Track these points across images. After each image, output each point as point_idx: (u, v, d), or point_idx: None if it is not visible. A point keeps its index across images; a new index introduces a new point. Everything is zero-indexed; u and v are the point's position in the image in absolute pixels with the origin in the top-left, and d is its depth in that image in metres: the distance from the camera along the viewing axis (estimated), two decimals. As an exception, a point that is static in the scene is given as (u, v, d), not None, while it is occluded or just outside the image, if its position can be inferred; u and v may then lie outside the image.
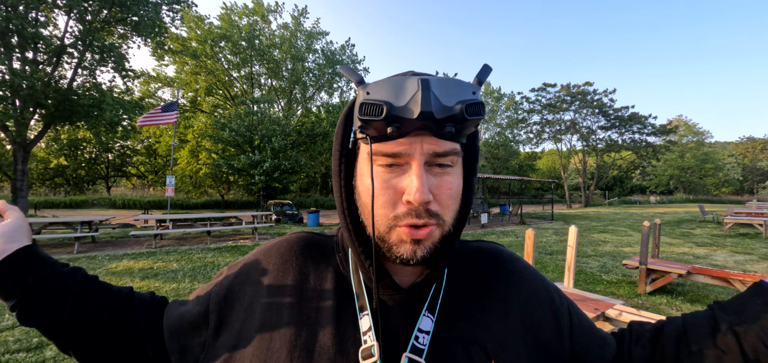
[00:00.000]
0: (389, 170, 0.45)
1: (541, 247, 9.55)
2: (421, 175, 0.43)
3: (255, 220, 10.96)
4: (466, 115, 0.40)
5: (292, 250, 0.57)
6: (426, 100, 0.40)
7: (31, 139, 14.72)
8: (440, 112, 0.40)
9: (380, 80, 0.43)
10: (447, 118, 0.41)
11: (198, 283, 5.42)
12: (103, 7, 14.32)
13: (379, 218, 0.45)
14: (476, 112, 0.41)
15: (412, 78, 0.42)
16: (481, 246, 0.61)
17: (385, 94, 0.41)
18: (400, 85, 0.41)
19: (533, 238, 3.54)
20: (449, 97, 0.41)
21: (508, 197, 24.54)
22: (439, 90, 0.41)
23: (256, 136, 21.46)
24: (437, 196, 0.45)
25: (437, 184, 0.45)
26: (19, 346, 3.19)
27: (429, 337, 0.48)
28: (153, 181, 35.54)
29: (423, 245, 0.45)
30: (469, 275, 0.56)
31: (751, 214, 13.36)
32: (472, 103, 0.41)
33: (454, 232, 0.48)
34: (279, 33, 29.49)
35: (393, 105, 0.40)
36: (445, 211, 0.46)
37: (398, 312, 0.50)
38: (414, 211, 0.43)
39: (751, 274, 4.85)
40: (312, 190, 38.39)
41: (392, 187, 0.44)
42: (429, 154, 0.43)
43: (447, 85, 0.42)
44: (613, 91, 34.14)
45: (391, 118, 0.40)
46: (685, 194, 53.70)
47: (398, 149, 0.43)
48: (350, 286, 0.53)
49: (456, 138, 0.44)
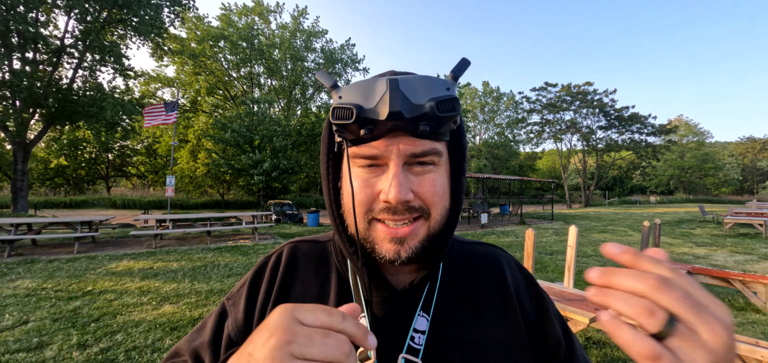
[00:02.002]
0: (369, 171, 0.45)
1: (541, 247, 9.55)
2: (399, 175, 0.42)
3: (255, 220, 10.95)
4: (437, 112, 0.40)
5: (293, 260, 0.57)
6: (394, 100, 0.40)
7: (31, 139, 14.73)
8: (409, 111, 0.40)
9: (353, 83, 0.43)
10: (418, 116, 0.40)
11: (198, 283, 5.43)
12: (104, 8, 14.33)
13: (358, 216, 0.46)
14: (449, 109, 0.40)
15: (382, 79, 0.41)
16: (479, 248, 0.60)
17: (355, 97, 0.42)
18: (369, 87, 0.41)
19: (533, 238, 3.54)
20: (420, 95, 0.41)
21: (508, 197, 24.56)
22: (409, 89, 0.41)
23: (257, 137, 21.47)
24: (420, 193, 0.45)
25: (419, 182, 0.45)
26: (19, 346, 3.19)
27: (424, 337, 0.48)
28: (153, 181, 35.55)
29: (407, 245, 0.45)
30: (466, 276, 0.55)
31: (751, 214, 13.36)
32: (444, 99, 0.40)
33: (444, 231, 0.48)
34: (278, 33, 29.51)
35: (362, 107, 0.40)
36: (431, 208, 0.45)
37: (393, 312, 0.50)
38: (392, 208, 0.43)
39: (751, 274, 4.85)
40: (312, 190, 38.40)
41: (371, 186, 0.45)
42: (406, 155, 0.43)
43: (418, 83, 0.41)
44: (614, 91, 34.21)
45: (361, 121, 0.40)
46: (685, 194, 53.70)
47: (375, 151, 0.43)
48: (350, 288, 0.53)
49: (435, 137, 0.44)
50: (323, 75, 0.46)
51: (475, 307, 0.52)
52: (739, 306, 4.67)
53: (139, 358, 3.04)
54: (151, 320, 3.85)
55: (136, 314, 4.03)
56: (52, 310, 4.09)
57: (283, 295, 0.54)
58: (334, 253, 0.57)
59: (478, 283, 0.55)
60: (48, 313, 3.99)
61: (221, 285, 5.31)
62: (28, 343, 3.26)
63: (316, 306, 0.31)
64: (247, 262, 7.03)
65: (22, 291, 4.79)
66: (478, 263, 0.57)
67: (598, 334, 3.62)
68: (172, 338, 3.42)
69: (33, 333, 3.47)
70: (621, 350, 3.25)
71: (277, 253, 0.60)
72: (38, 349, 3.15)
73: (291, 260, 0.57)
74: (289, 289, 0.54)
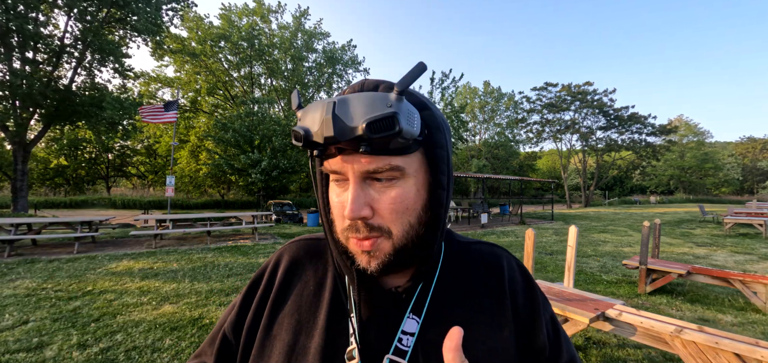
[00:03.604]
0: (339, 185, 0.46)
1: (541, 247, 9.55)
2: (354, 192, 0.43)
3: (255, 220, 10.95)
4: (369, 133, 0.38)
5: (293, 259, 0.59)
6: (327, 125, 0.39)
7: (31, 139, 14.73)
8: (343, 134, 0.39)
9: (310, 105, 0.43)
10: (354, 139, 0.39)
11: (198, 283, 5.43)
12: (103, 7, 14.33)
13: (337, 229, 0.48)
14: (383, 128, 0.38)
15: (324, 102, 0.41)
16: (481, 247, 0.60)
17: (306, 120, 0.42)
18: (315, 111, 0.41)
19: (533, 238, 3.54)
20: (356, 116, 0.39)
21: (508, 197, 24.57)
22: (345, 111, 0.40)
23: (257, 136, 21.47)
24: (378, 210, 0.44)
25: (378, 198, 0.44)
26: (19, 346, 3.19)
27: (414, 338, 0.48)
28: (153, 181, 35.53)
29: (375, 257, 0.45)
30: (463, 278, 0.55)
31: (751, 214, 13.36)
32: (375, 119, 0.38)
33: (416, 243, 0.47)
34: (279, 33, 29.49)
35: (309, 131, 0.41)
36: (391, 225, 0.44)
37: (382, 314, 0.50)
38: (354, 225, 0.44)
39: (751, 274, 4.85)
40: (312, 190, 38.34)
41: (341, 201, 0.46)
42: (361, 172, 0.43)
43: (357, 103, 0.40)
44: (613, 91, 34.17)
45: (309, 144, 0.41)
46: (685, 194, 53.68)
47: (337, 167, 0.44)
48: (346, 288, 0.54)
49: (392, 152, 0.42)
50: (294, 95, 0.47)
51: (470, 309, 0.52)
52: (739, 306, 4.67)
53: (139, 358, 3.04)
54: (151, 320, 3.85)
55: (136, 314, 4.03)
56: (52, 310, 4.09)
57: (283, 291, 0.56)
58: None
59: (477, 284, 0.54)
60: (48, 313, 3.99)
61: (221, 285, 5.31)
62: (28, 343, 3.26)
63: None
64: (247, 262, 7.04)
65: (22, 291, 4.78)
66: (479, 263, 0.57)
67: (598, 334, 3.62)
68: (172, 338, 3.42)
69: (33, 333, 3.47)
70: (621, 351, 3.26)
71: (278, 252, 0.62)
72: (38, 349, 3.15)
73: (292, 258, 0.60)
74: (288, 286, 0.57)
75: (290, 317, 0.53)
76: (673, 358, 3.13)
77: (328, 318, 0.51)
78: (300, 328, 0.51)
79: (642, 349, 3.30)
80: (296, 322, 0.52)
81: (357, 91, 0.45)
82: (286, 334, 0.51)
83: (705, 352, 2.25)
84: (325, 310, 0.52)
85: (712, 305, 4.70)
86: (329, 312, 0.52)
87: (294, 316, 0.53)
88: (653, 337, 2.55)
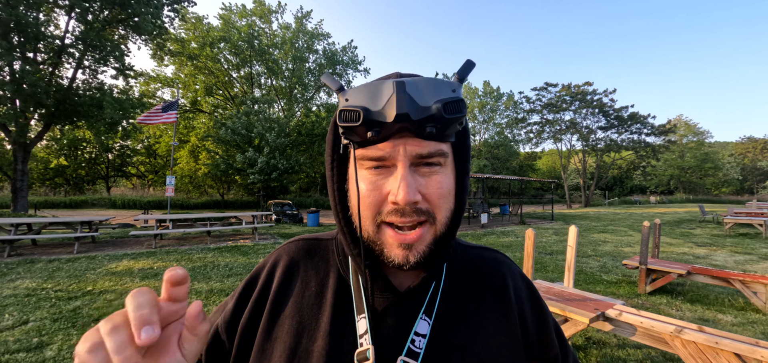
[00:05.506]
0: (376, 172, 0.45)
1: (541, 247, 9.55)
2: (406, 176, 0.43)
3: (255, 220, 10.95)
4: (444, 114, 0.40)
5: (292, 259, 0.58)
6: (401, 103, 0.40)
7: (31, 139, 14.73)
8: (417, 113, 0.40)
9: (359, 86, 0.43)
10: (425, 118, 0.40)
11: (198, 283, 5.43)
12: (105, 7, 14.32)
13: (366, 219, 0.46)
14: (455, 110, 0.40)
15: (388, 81, 0.42)
16: (484, 253, 0.60)
17: (362, 99, 0.42)
18: (376, 90, 0.42)
19: (533, 238, 3.54)
20: (426, 97, 0.41)
21: (508, 197, 24.58)
22: (416, 91, 0.41)
23: (255, 135, 21.47)
24: (427, 195, 0.45)
25: (426, 183, 0.45)
26: (19, 346, 3.19)
27: (425, 340, 0.48)
28: (153, 181, 35.53)
29: (415, 250, 0.45)
30: (469, 281, 0.55)
31: (751, 214, 13.35)
32: (450, 101, 0.40)
33: (448, 232, 0.48)
34: (280, 33, 29.50)
35: (369, 110, 0.41)
36: (437, 210, 0.45)
37: (395, 315, 0.50)
38: (400, 210, 0.43)
39: (751, 275, 4.85)
40: (312, 190, 38.36)
41: (379, 188, 0.45)
42: (413, 156, 0.43)
43: (425, 85, 0.41)
44: (613, 91, 34.16)
45: (368, 123, 0.41)
46: (685, 194, 53.67)
47: (382, 153, 0.44)
48: (350, 289, 0.53)
49: (441, 138, 0.44)
50: (329, 78, 0.46)
51: (476, 314, 0.52)
52: (739, 306, 4.67)
53: (139, 358, 3.04)
54: (151, 320, 3.84)
55: (136, 314, 4.03)
56: (52, 310, 4.09)
57: (282, 293, 0.54)
58: (335, 252, 0.58)
59: (481, 290, 0.55)
60: (48, 313, 3.99)
61: (221, 285, 5.31)
62: (28, 343, 3.26)
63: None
64: (247, 262, 7.03)
65: (22, 291, 4.78)
66: (482, 269, 0.57)
67: (598, 334, 3.62)
68: (172, 338, 3.41)
69: (33, 333, 3.47)
70: (621, 351, 3.26)
71: (276, 253, 0.60)
72: (38, 349, 3.15)
73: (292, 258, 0.58)
74: (288, 287, 0.55)
75: (291, 319, 0.51)
76: (673, 358, 3.13)
77: (332, 320, 0.50)
78: (302, 331, 0.50)
79: (642, 349, 3.30)
80: (297, 325, 0.50)
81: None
82: (287, 336, 0.50)
83: (705, 352, 2.25)
84: (329, 312, 0.51)
85: (712, 305, 4.70)
86: (333, 314, 0.51)
87: (295, 318, 0.51)
88: (653, 337, 2.55)
